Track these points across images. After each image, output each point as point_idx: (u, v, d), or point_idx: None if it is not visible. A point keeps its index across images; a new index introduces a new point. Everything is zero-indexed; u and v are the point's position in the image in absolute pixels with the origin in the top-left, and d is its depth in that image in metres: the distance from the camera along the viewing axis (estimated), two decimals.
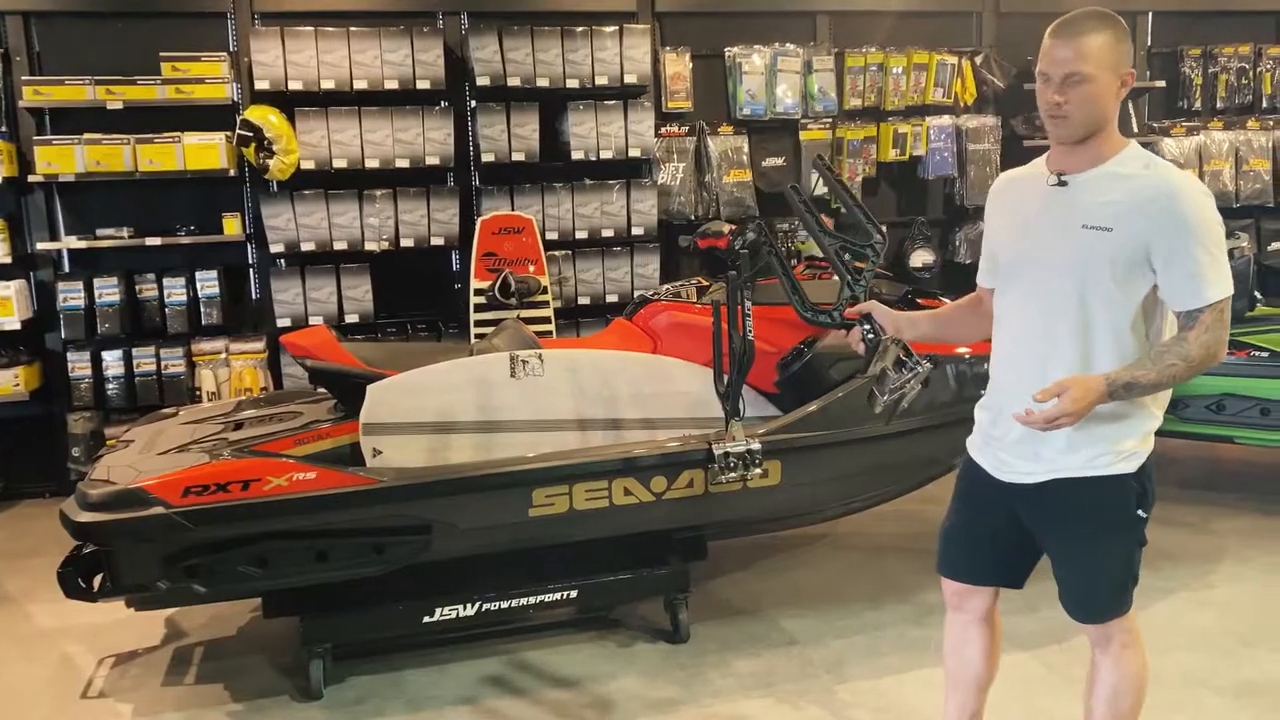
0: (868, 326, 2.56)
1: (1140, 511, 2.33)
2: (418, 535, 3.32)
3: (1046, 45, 2.22)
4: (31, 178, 5.28)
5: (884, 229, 2.82)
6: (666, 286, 4.14)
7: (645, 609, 3.93)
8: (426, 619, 3.49)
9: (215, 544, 3.15)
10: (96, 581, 3.33)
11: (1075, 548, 2.38)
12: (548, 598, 3.59)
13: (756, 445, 3.47)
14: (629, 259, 5.92)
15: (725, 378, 3.54)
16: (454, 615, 3.50)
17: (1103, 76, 2.17)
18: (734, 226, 3.92)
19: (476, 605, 3.52)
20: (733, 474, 3.47)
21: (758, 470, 3.49)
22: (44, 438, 5.60)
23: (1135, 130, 6.73)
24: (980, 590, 2.57)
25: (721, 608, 3.97)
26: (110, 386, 5.48)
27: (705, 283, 4.03)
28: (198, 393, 5.56)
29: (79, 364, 5.48)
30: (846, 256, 2.73)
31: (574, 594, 3.62)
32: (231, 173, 5.46)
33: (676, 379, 3.73)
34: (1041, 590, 2.58)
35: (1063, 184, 2.27)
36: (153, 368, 5.52)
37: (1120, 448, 2.29)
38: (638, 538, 3.67)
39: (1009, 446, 2.39)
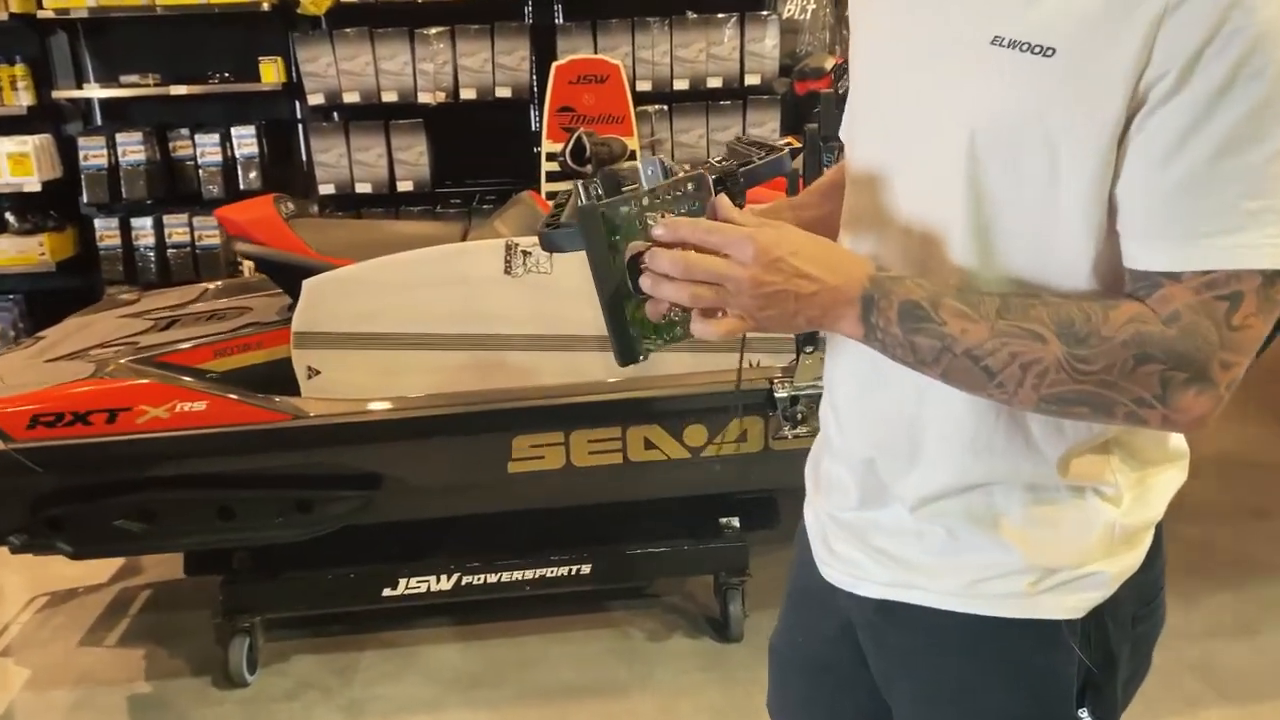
0: None
1: (1084, 713, 1.03)
2: (355, 490, 2.44)
3: None
4: (40, 14, 4.56)
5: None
6: (738, 141, 3.00)
7: (692, 583, 2.97)
8: (387, 591, 2.64)
9: (82, 491, 2.37)
10: None
11: None
12: (550, 572, 2.67)
13: None
14: (740, 116, 4.73)
15: None
16: (423, 589, 2.64)
17: None
18: (840, 60, 2.76)
19: (454, 577, 2.65)
20: (803, 427, 2.41)
21: None
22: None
23: None
24: None
25: None
26: (141, 259, 4.84)
27: (796, 142, 2.88)
28: (240, 268, 4.85)
29: (107, 232, 4.83)
30: None
31: (586, 569, 2.69)
32: (265, 7, 4.58)
33: None
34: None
35: None
36: (186, 238, 4.84)
37: (1054, 560, 1.00)
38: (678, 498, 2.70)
39: (840, 514, 1.14)
